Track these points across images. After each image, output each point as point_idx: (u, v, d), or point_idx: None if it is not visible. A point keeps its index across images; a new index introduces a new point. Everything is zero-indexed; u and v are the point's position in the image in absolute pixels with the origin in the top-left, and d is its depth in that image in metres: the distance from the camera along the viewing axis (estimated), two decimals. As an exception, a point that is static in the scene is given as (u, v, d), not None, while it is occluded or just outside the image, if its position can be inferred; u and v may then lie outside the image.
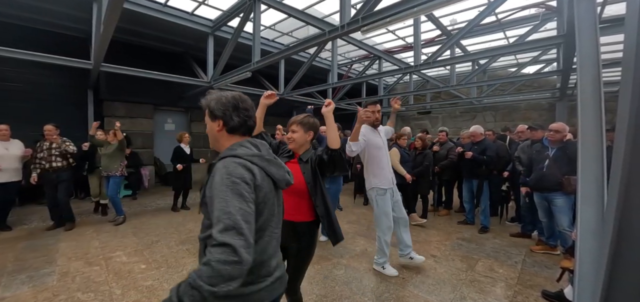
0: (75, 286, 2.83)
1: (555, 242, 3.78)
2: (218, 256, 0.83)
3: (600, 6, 3.99)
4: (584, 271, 1.35)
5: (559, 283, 2.75)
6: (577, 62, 1.81)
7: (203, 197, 1.07)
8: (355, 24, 3.25)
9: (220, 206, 0.91)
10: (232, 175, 0.96)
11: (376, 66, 8.83)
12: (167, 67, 7.01)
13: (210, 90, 1.22)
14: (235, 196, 0.93)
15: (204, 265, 0.83)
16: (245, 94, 1.19)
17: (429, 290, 2.83)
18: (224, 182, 0.95)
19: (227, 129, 1.13)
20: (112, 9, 3.07)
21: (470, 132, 4.97)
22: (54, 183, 4.46)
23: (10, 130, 4.45)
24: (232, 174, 0.97)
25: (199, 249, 1.13)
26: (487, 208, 4.69)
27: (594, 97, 1.66)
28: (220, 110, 1.12)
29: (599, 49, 1.83)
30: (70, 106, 6.93)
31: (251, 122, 1.17)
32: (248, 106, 1.16)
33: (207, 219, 1.06)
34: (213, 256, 0.83)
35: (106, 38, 3.86)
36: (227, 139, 1.14)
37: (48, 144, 4.46)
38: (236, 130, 1.14)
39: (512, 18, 6.04)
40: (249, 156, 1.06)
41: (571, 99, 8.15)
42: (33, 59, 4.76)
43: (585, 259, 1.36)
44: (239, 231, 0.88)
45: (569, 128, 3.75)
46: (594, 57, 1.81)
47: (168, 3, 5.70)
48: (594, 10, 1.99)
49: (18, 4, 5.41)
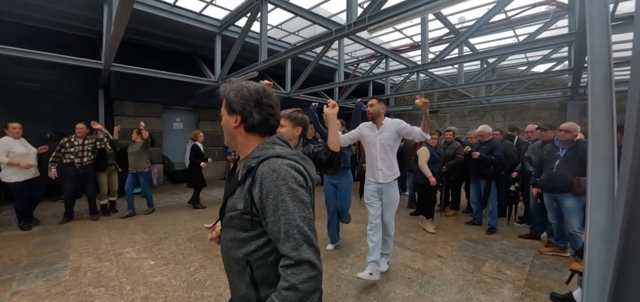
0: (87, 281, 2.90)
1: (564, 244, 3.72)
2: (301, 275, 0.80)
3: (613, 3, 3.90)
4: (592, 273, 1.33)
5: (568, 285, 2.71)
6: (588, 61, 1.78)
7: (231, 208, 0.95)
8: (361, 23, 3.24)
9: (284, 218, 0.83)
10: (287, 180, 0.87)
11: (383, 65, 8.80)
12: (176, 66, 7.10)
13: (231, 79, 1.08)
14: (297, 203, 0.86)
15: (289, 290, 0.79)
16: None
17: (435, 290, 2.82)
18: (281, 189, 0.85)
19: (245, 127, 0.99)
20: (122, 9, 3.13)
21: (478, 132, 4.90)
22: (82, 179, 4.77)
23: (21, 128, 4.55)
24: (286, 179, 0.87)
25: (234, 269, 0.98)
26: (495, 209, 4.63)
27: (605, 96, 1.63)
28: (240, 104, 0.97)
29: (610, 47, 1.79)
30: (82, 105, 7.06)
31: (274, 121, 1.02)
32: (272, 102, 1.02)
33: (240, 231, 0.94)
34: (296, 277, 0.80)
35: (117, 38, 3.93)
36: (245, 138, 1.01)
37: (80, 140, 4.77)
38: (255, 129, 0.99)
39: (522, 16, 5.94)
40: (292, 155, 0.95)
41: (582, 98, 7.97)
42: (46, 59, 4.87)
43: (594, 261, 1.34)
44: (310, 242, 0.83)
45: (580, 128, 3.68)
46: (606, 56, 1.77)
47: (176, 3, 5.77)
48: (605, 7, 1.95)
49: (31, 5, 5.54)
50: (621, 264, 0.90)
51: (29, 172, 4.43)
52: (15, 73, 6.25)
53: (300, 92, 8.38)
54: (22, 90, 6.39)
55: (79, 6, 5.61)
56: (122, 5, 3.04)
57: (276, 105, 1.04)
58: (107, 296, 2.66)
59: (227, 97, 1.01)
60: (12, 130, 4.40)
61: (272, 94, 1.03)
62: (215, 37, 6.53)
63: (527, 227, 4.57)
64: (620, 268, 0.90)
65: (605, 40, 1.84)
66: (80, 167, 4.73)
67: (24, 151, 4.40)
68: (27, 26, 6.20)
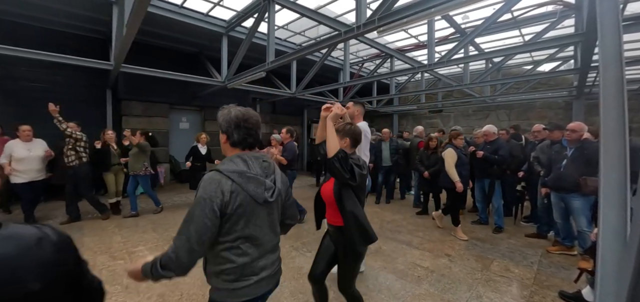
0: (104, 279, 2.91)
1: (571, 242, 3.74)
2: (168, 265, 1.15)
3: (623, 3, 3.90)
4: (606, 272, 1.36)
5: (576, 284, 2.74)
6: (600, 62, 1.80)
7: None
8: (371, 25, 3.27)
9: (185, 217, 1.17)
10: (202, 190, 1.18)
11: (388, 64, 8.81)
12: (182, 66, 7.16)
13: (224, 106, 1.35)
14: (198, 211, 1.15)
15: (166, 256, 1.15)
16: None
17: (444, 288, 2.86)
18: (196, 195, 1.19)
19: (230, 143, 1.30)
20: (136, 12, 3.19)
21: (483, 131, 4.93)
22: (73, 179, 4.74)
23: (33, 130, 4.60)
24: (204, 188, 1.18)
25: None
26: (500, 208, 4.66)
27: (617, 97, 1.65)
28: (224, 126, 1.30)
29: (622, 48, 1.81)
30: (90, 106, 7.15)
31: (251, 139, 1.31)
32: (250, 124, 1.29)
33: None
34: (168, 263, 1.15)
35: (128, 40, 3.99)
36: (229, 151, 1.33)
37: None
38: (237, 145, 1.30)
39: (528, 15, 5.94)
40: (229, 172, 1.21)
41: (588, 97, 7.96)
42: (58, 60, 4.96)
43: (607, 260, 1.37)
44: (185, 248, 1.14)
45: (587, 127, 3.70)
46: (617, 55, 1.79)
47: (184, 4, 5.83)
48: (616, 8, 1.97)
49: (41, 7, 5.62)
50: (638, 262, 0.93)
51: (31, 174, 4.45)
52: (25, 74, 6.34)
53: (305, 92, 8.42)
54: (31, 91, 6.48)
55: (88, 7, 5.68)
56: (136, 8, 3.10)
57: (254, 127, 1.31)
58: (124, 293, 2.72)
59: (218, 120, 1.31)
60: (22, 133, 4.45)
61: (251, 118, 1.31)
62: (222, 37, 6.57)
63: (534, 226, 4.60)
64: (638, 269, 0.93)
65: (616, 41, 1.85)
66: (69, 167, 4.71)
67: (23, 155, 4.39)
68: (36, 28, 6.28)
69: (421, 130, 7.04)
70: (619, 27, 1.88)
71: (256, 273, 1.27)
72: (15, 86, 6.28)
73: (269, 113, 10.95)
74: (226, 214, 1.18)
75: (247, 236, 1.24)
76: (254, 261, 1.27)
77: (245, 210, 1.22)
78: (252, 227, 1.25)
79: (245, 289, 1.25)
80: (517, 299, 2.71)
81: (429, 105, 11.59)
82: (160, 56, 7.51)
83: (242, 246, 1.24)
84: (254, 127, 1.31)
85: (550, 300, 2.71)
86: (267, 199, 1.27)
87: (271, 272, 1.35)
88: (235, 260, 1.23)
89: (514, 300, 2.70)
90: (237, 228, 1.22)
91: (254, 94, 9.95)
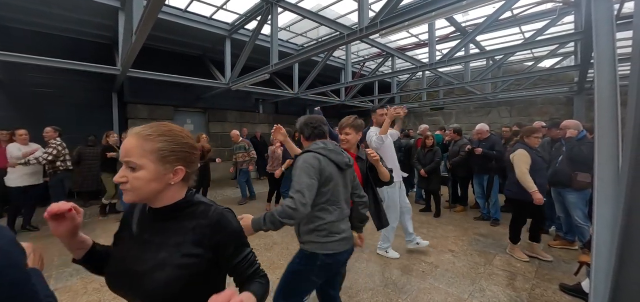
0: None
1: (573, 237, 3.83)
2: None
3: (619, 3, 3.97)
4: (600, 265, 1.45)
5: (576, 277, 2.83)
6: (595, 65, 1.89)
7: None
8: (374, 28, 3.36)
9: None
10: (306, 162, 1.59)
11: (389, 63, 8.88)
12: (185, 69, 7.26)
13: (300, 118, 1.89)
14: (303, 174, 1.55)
15: None
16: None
17: (449, 283, 2.96)
18: (301, 165, 1.59)
19: (304, 137, 1.84)
20: (146, 21, 3.28)
21: (476, 131, 5.10)
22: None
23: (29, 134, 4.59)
24: (306, 160, 1.60)
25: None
26: (498, 202, 4.84)
27: (611, 98, 1.74)
28: (299, 128, 1.87)
29: (615, 51, 1.90)
30: (97, 110, 7.27)
31: (317, 131, 1.79)
32: (314, 121, 1.81)
33: None
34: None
35: (137, 47, 4.09)
36: (306, 144, 1.83)
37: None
38: (309, 138, 1.81)
39: (528, 13, 6.00)
40: (317, 148, 1.67)
41: (589, 93, 8.01)
42: (67, 67, 5.07)
43: (601, 252, 1.46)
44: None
45: (584, 124, 3.81)
46: (611, 59, 1.87)
47: (187, 9, 5.93)
48: (611, 11, 2.05)
49: (47, 14, 5.73)
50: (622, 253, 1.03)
51: (27, 179, 4.46)
52: (33, 80, 6.44)
53: (308, 93, 8.51)
54: (38, 96, 6.59)
55: (94, 14, 5.76)
56: (146, 17, 3.20)
57: (317, 122, 1.83)
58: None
59: (297, 126, 1.93)
60: (18, 137, 4.51)
61: (315, 118, 1.85)
62: (225, 40, 6.67)
63: (536, 221, 4.68)
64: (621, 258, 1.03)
65: (610, 44, 1.94)
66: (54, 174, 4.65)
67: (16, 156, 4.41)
68: (43, 34, 6.37)
69: (425, 128, 7.12)
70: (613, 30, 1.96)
71: (340, 232, 1.66)
72: (23, 92, 6.40)
73: (272, 114, 11.06)
74: (321, 178, 1.58)
75: (333, 200, 1.64)
76: (338, 221, 1.66)
77: (332, 176, 1.63)
78: (336, 193, 1.65)
79: (333, 244, 1.63)
80: (519, 292, 2.80)
81: (431, 104, 11.65)
82: (165, 59, 7.64)
83: (330, 207, 1.64)
84: (317, 122, 1.80)
85: (552, 293, 2.80)
86: (347, 163, 1.72)
87: (348, 235, 1.72)
88: (326, 218, 1.63)
89: (516, 293, 2.79)
90: (326, 191, 1.61)
91: (257, 95, 10.06)
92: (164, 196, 0.89)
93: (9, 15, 5.69)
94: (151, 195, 0.86)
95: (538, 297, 2.72)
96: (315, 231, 1.63)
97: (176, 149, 0.88)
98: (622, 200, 1.05)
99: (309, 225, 1.64)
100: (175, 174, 0.88)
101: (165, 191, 0.88)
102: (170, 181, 0.87)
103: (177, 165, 0.88)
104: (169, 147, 0.87)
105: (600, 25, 1.95)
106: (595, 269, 1.45)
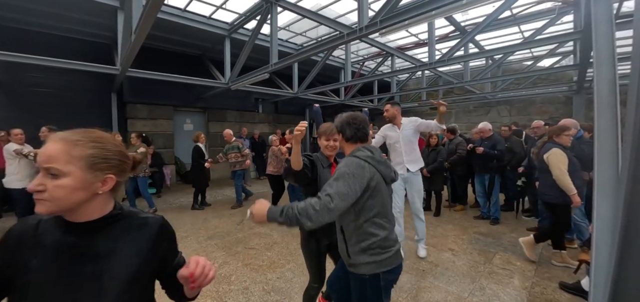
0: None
1: (572, 236, 3.84)
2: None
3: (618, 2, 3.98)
4: (599, 263, 1.45)
5: (576, 275, 2.84)
6: (594, 66, 1.89)
7: None
8: (373, 27, 3.37)
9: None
10: (349, 166, 1.41)
11: (389, 63, 8.89)
12: (185, 69, 7.24)
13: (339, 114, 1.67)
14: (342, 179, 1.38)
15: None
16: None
17: (448, 281, 2.96)
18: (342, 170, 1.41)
19: (344, 138, 1.61)
20: (145, 20, 3.28)
21: (478, 129, 5.06)
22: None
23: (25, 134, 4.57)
24: (349, 165, 1.42)
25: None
26: (498, 201, 4.84)
27: (610, 98, 1.75)
28: (339, 126, 1.63)
29: (614, 49, 1.90)
30: (96, 109, 7.27)
31: (360, 133, 1.58)
32: (357, 121, 1.59)
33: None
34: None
35: (136, 47, 4.08)
36: (346, 146, 1.62)
37: None
38: (350, 139, 1.59)
39: (527, 12, 6.02)
40: (364, 156, 1.48)
41: (589, 92, 8.03)
42: (66, 66, 5.06)
43: (601, 250, 1.47)
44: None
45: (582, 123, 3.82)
46: (610, 57, 1.88)
47: (186, 8, 5.92)
48: (609, 10, 2.05)
49: (46, 14, 5.72)
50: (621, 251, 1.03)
51: (28, 181, 4.35)
52: (32, 79, 6.43)
53: (307, 92, 8.52)
54: (38, 96, 6.58)
55: (93, 13, 5.75)
56: (145, 16, 3.19)
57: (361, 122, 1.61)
58: None
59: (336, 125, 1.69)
60: (14, 136, 4.48)
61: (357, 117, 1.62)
62: (225, 39, 6.66)
63: (535, 220, 4.70)
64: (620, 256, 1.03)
65: (609, 43, 1.95)
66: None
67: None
68: (42, 33, 6.36)
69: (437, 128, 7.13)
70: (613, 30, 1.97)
71: (392, 245, 1.52)
72: (22, 91, 6.38)
73: (271, 113, 11.05)
74: (367, 189, 1.42)
75: (384, 213, 1.50)
76: (389, 234, 1.52)
77: (379, 188, 1.48)
78: (385, 205, 1.52)
79: (389, 259, 1.49)
80: (518, 290, 2.81)
81: (430, 102, 11.66)
82: (164, 59, 7.63)
83: (381, 220, 1.49)
84: (361, 122, 1.59)
85: (551, 290, 2.81)
86: (393, 178, 1.59)
87: (398, 247, 1.58)
88: (378, 233, 1.47)
89: (515, 291, 2.80)
90: (375, 202, 1.46)
91: (257, 94, 10.06)
92: (87, 206, 0.80)
93: (8, 14, 5.67)
94: (73, 205, 0.77)
95: (537, 295, 2.73)
96: (368, 249, 1.47)
97: (109, 156, 0.81)
98: (622, 198, 1.05)
99: (360, 243, 1.48)
100: (104, 183, 0.80)
101: (90, 202, 0.79)
102: (97, 190, 0.79)
103: (108, 173, 0.81)
104: (101, 154, 0.80)
105: (600, 24, 1.96)
106: (594, 267, 1.46)
